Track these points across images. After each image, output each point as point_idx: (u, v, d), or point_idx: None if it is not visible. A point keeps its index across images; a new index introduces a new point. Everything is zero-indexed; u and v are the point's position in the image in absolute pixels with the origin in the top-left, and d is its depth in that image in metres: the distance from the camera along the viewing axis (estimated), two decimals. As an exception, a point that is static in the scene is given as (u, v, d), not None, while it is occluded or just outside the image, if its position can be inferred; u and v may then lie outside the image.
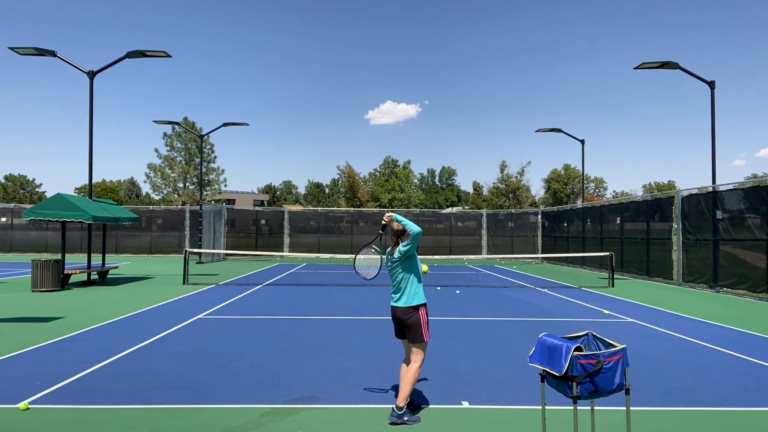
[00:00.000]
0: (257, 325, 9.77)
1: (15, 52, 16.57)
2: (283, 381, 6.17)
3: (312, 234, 33.43)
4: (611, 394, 3.58)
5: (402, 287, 5.08)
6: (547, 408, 4.41)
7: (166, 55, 17.86)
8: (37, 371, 6.43)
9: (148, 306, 11.81)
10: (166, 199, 45.07)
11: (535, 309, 12.20)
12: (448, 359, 7.22)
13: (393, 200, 57.97)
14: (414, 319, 5.00)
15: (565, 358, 3.47)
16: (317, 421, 4.94)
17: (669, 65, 17.62)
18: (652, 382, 6.23)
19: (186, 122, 43.54)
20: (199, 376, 6.34)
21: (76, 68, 17.61)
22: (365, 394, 5.71)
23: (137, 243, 32.01)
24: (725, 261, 15.38)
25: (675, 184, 71.48)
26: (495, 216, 34.54)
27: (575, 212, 27.36)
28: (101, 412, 5.11)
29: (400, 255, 5.05)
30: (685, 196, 17.49)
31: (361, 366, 6.86)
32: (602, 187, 70.90)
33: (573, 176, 63.86)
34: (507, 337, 8.90)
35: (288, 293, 14.55)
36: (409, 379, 4.94)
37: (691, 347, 8.22)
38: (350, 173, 53.44)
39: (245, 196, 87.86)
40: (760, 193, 13.92)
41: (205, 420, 4.92)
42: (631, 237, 20.93)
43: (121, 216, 16.98)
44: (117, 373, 6.42)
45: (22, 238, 31.55)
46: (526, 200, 50.40)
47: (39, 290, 14.15)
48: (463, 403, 5.47)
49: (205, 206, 27.43)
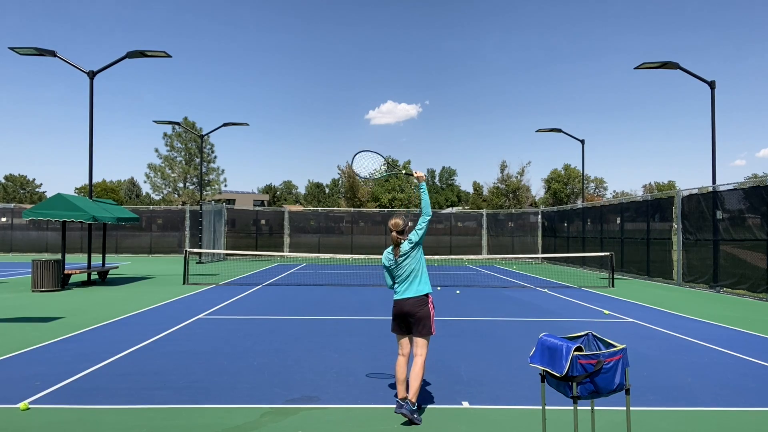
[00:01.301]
0: (257, 325, 9.76)
1: (15, 52, 16.56)
2: (283, 381, 6.16)
3: (312, 234, 33.43)
4: (611, 394, 3.58)
5: (412, 278, 5.13)
6: (547, 408, 4.41)
7: (166, 55, 17.86)
8: (37, 371, 6.43)
9: (148, 306, 11.81)
10: (166, 199, 45.07)
11: (536, 309, 12.19)
12: (448, 359, 7.22)
13: (393, 200, 57.95)
14: (425, 312, 5.06)
15: (566, 358, 3.47)
16: (317, 421, 4.94)
17: (669, 65, 17.61)
18: (652, 382, 6.23)
19: (186, 122, 43.55)
20: (199, 376, 6.33)
21: (76, 68, 17.61)
22: (365, 394, 5.71)
23: (137, 243, 32.01)
24: (725, 261, 15.38)
25: (675, 184, 71.54)
26: (495, 216, 34.54)
27: (575, 212, 27.35)
28: (101, 412, 5.10)
29: (411, 244, 5.12)
30: (685, 196, 17.48)
31: (361, 366, 6.86)
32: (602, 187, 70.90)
33: (573, 176, 63.85)
34: (507, 337, 8.90)
35: (288, 293, 14.55)
36: (418, 374, 4.97)
37: (691, 347, 8.22)
38: (350, 173, 53.39)
39: (245, 196, 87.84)
40: (760, 193, 13.91)
41: (205, 420, 4.92)
42: (631, 237, 20.93)
43: (121, 216, 16.98)
44: (117, 373, 6.42)
45: (22, 238, 31.55)
46: (526, 200, 50.34)
47: (39, 290, 14.15)
48: (463, 403, 5.47)
49: (205, 206, 27.42)
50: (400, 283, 5.18)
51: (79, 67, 17.62)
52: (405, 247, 5.14)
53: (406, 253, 5.14)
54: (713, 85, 17.24)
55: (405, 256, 5.14)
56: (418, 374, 4.97)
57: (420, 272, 5.17)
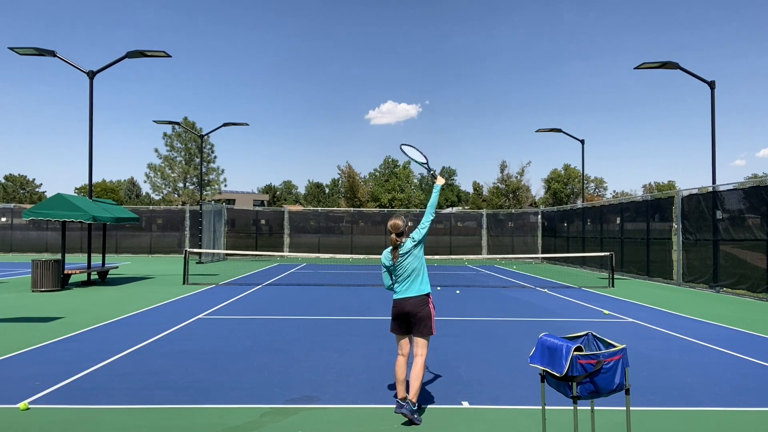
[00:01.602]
0: (257, 325, 9.77)
1: (15, 52, 16.56)
2: (283, 381, 6.17)
3: (312, 234, 33.43)
4: (611, 394, 3.58)
5: (413, 278, 5.14)
6: (547, 408, 4.41)
7: (166, 55, 17.86)
8: (37, 371, 6.43)
9: (148, 306, 11.81)
10: (166, 199, 45.06)
11: (535, 309, 12.19)
12: (448, 359, 7.22)
13: (393, 200, 57.96)
14: (426, 312, 5.07)
15: (566, 358, 3.47)
16: (317, 421, 4.94)
17: (669, 65, 17.62)
18: (652, 382, 6.23)
19: (186, 122, 43.54)
20: (199, 376, 6.33)
21: (76, 68, 17.61)
22: (365, 394, 5.71)
23: (137, 243, 32.01)
24: (725, 261, 15.38)
25: (675, 184, 71.51)
26: (495, 216, 34.55)
27: (575, 212, 27.35)
28: (101, 412, 5.11)
29: (414, 242, 5.14)
30: (685, 196, 17.49)
31: (361, 366, 6.86)
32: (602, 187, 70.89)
33: (573, 176, 63.85)
34: (507, 337, 8.90)
35: (288, 293, 14.55)
36: (419, 374, 4.98)
37: (691, 347, 8.22)
38: (350, 173, 53.43)
39: (245, 196, 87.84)
40: (760, 193, 13.91)
41: (205, 420, 4.92)
42: (631, 237, 20.93)
43: (121, 216, 16.98)
44: (117, 373, 6.42)
45: (22, 238, 31.55)
46: (526, 200, 50.36)
47: (39, 290, 14.15)
48: (463, 403, 5.47)
49: (205, 206, 27.42)
50: (401, 282, 5.17)
51: (79, 67, 17.62)
52: (407, 245, 5.14)
53: (408, 251, 5.14)
54: (713, 85, 17.24)
55: (406, 254, 5.14)
56: (419, 374, 4.98)
57: (421, 271, 5.17)
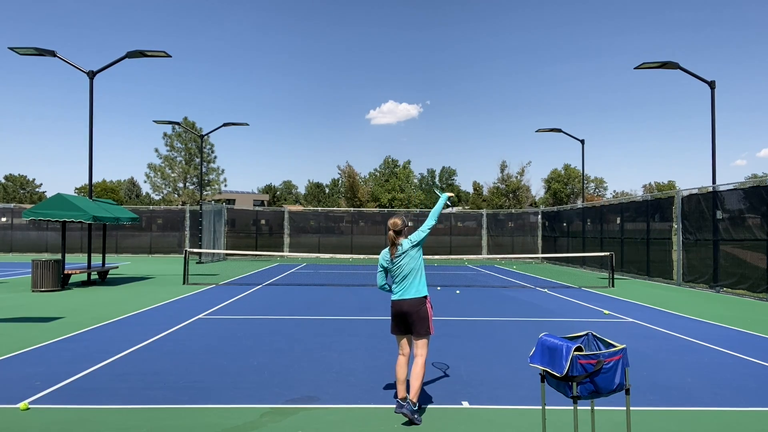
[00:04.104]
0: (257, 325, 9.77)
1: (15, 52, 16.56)
2: (283, 381, 6.17)
3: (312, 234, 33.43)
4: (611, 394, 3.58)
5: (410, 279, 5.15)
6: (547, 408, 4.41)
7: (166, 55, 17.85)
8: (37, 371, 6.43)
9: (148, 306, 11.81)
10: (166, 199, 45.07)
11: (535, 309, 12.19)
12: (448, 359, 7.22)
13: (393, 200, 57.95)
14: (423, 312, 5.09)
15: (566, 358, 3.47)
16: (317, 421, 4.94)
17: (669, 65, 17.62)
18: (652, 382, 6.23)
19: (186, 122, 43.54)
20: (199, 376, 6.33)
21: (76, 68, 17.61)
22: (365, 394, 5.71)
23: (137, 243, 32.00)
24: (725, 261, 15.38)
25: (675, 184, 71.50)
26: (495, 216, 34.54)
27: (575, 212, 27.35)
28: (101, 412, 5.11)
29: (411, 243, 5.17)
30: (685, 196, 17.48)
31: (361, 366, 6.86)
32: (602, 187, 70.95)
33: (573, 176, 63.87)
34: (507, 337, 8.90)
35: (288, 293, 14.55)
36: (419, 374, 4.99)
37: (691, 347, 8.22)
38: (350, 173, 53.41)
39: (245, 196, 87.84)
40: (760, 193, 13.91)
41: (205, 420, 4.92)
42: (631, 237, 20.93)
43: (121, 216, 16.98)
44: (117, 373, 6.42)
45: (22, 238, 31.54)
46: (526, 200, 50.37)
47: (39, 290, 14.15)
48: (463, 403, 5.47)
49: (205, 206, 27.42)
50: (398, 282, 5.18)
51: (79, 67, 17.62)
52: (405, 245, 5.15)
53: (405, 251, 5.15)
54: (713, 85, 17.24)
55: (403, 255, 5.15)
56: (419, 374, 4.98)
57: (419, 273, 5.18)
